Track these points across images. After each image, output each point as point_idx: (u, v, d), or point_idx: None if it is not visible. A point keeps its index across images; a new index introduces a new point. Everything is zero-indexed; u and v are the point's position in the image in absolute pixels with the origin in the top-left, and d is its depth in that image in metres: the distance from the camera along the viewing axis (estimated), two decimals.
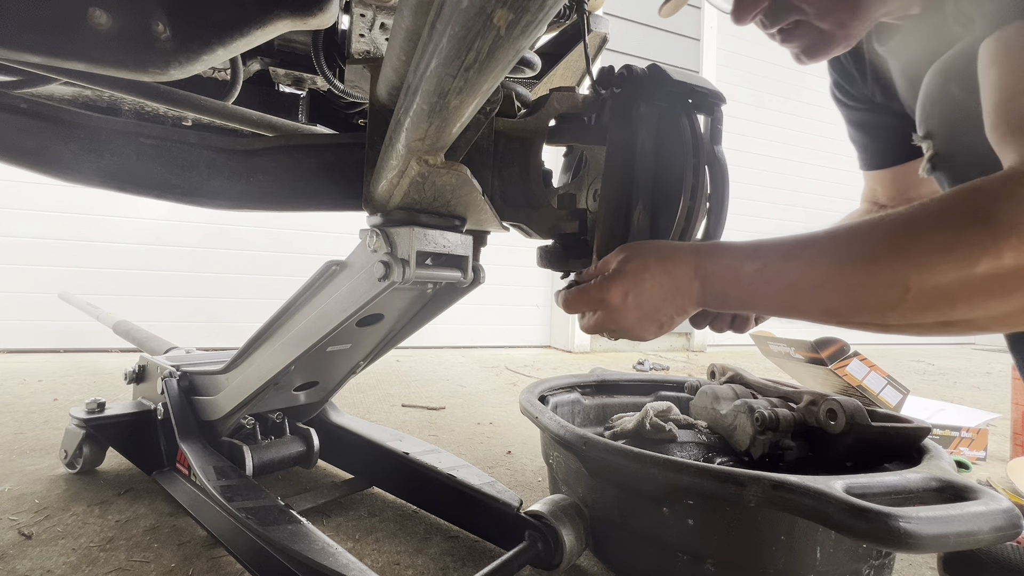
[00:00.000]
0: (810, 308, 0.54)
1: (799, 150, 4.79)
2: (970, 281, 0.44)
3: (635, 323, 0.64)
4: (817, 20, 0.72)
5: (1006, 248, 0.43)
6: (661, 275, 0.61)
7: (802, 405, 0.87)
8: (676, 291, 0.61)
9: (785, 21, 0.73)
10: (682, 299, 0.61)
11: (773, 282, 0.55)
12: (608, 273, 0.64)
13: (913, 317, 0.48)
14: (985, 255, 0.43)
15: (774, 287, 0.55)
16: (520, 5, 0.34)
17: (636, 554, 0.79)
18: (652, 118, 0.74)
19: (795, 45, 0.76)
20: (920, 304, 0.47)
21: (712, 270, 0.59)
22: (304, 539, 0.73)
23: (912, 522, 0.52)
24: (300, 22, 0.60)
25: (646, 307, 0.62)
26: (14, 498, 1.01)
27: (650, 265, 0.62)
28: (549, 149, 0.83)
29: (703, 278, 0.60)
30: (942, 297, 0.46)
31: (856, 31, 0.73)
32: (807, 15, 0.72)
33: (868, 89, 0.96)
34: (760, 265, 0.56)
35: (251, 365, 0.93)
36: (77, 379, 2.05)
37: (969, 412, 1.70)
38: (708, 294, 0.60)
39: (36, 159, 0.70)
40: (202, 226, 2.89)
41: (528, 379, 2.48)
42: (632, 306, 0.62)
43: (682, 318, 0.64)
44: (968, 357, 4.32)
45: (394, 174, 0.61)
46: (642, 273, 0.62)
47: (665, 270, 0.61)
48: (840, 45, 0.75)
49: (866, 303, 0.50)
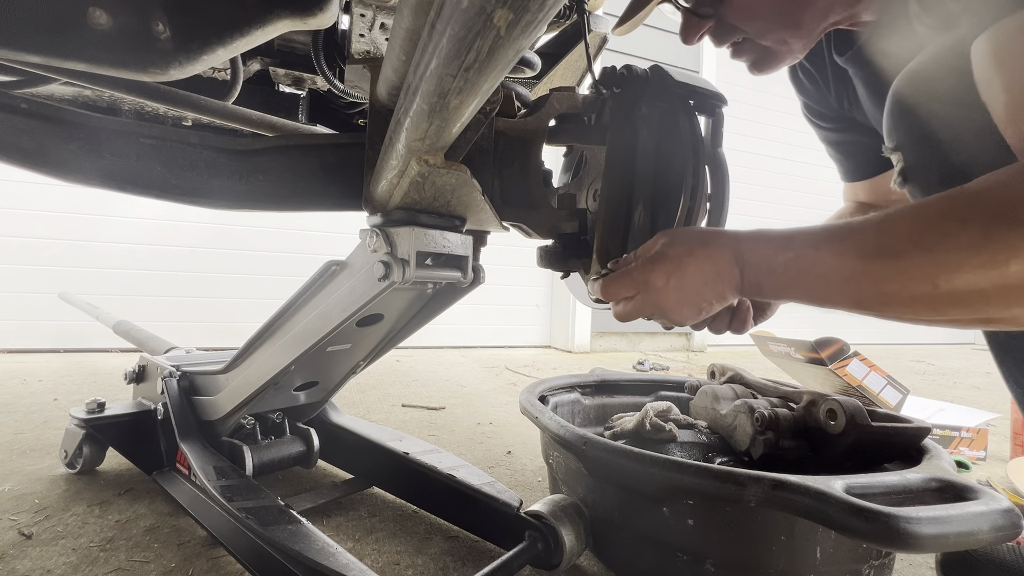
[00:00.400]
0: (842, 299, 0.54)
1: (799, 150, 4.79)
2: (1002, 281, 0.44)
3: (675, 306, 0.64)
4: (758, 39, 0.74)
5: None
6: (704, 260, 0.62)
7: (802, 405, 0.87)
8: (717, 276, 0.61)
9: (729, 40, 0.76)
10: (722, 285, 0.62)
11: (805, 272, 0.55)
12: (651, 255, 0.65)
13: (947, 313, 0.48)
14: (1014, 258, 0.43)
15: (806, 277, 0.55)
16: (520, 5, 0.34)
17: (636, 554, 0.79)
18: (653, 119, 0.74)
19: (744, 59, 0.79)
20: (951, 301, 0.47)
21: (750, 259, 0.60)
22: (304, 539, 0.73)
23: (912, 522, 0.52)
24: (300, 22, 0.60)
25: (687, 290, 0.63)
26: (14, 498, 1.01)
27: (695, 249, 0.62)
28: (549, 149, 0.83)
29: (742, 265, 0.60)
30: (975, 295, 0.46)
31: (798, 46, 0.74)
32: (748, 34, 0.74)
33: (835, 101, 0.96)
34: (793, 255, 0.56)
35: (251, 365, 0.93)
36: (77, 379, 2.05)
37: (969, 412, 1.70)
38: (746, 282, 0.61)
39: (36, 159, 0.70)
40: (202, 226, 2.89)
41: (528, 379, 2.48)
42: (674, 288, 0.63)
43: (721, 304, 0.65)
44: (968, 357, 4.32)
45: (394, 174, 0.61)
46: (686, 257, 0.62)
47: (708, 255, 0.62)
48: (787, 59, 0.77)
49: (896, 297, 0.50)
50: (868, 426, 0.79)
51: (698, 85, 0.75)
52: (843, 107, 0.96)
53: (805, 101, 1.04)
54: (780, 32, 0.72)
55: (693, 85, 0.74)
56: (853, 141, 1.01)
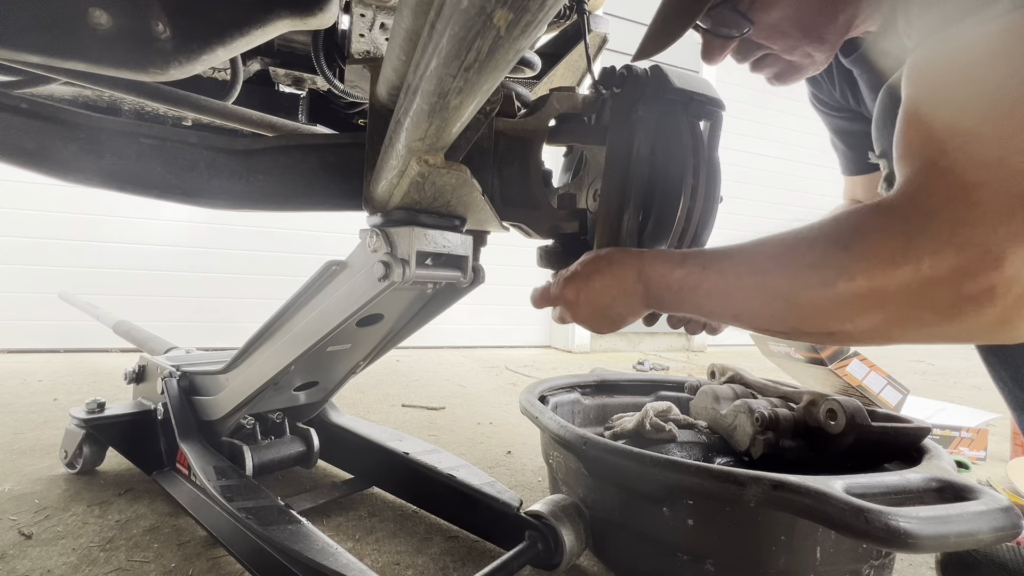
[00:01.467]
0: (723, 313, 0.59)
1: (799, 150, 4.79)
2: (834, 298, 0.48)
3: (588, 318, 0.71)
4: (785, 55, 0.75)
5: (858, 272, 0.47)
6: (608, 277, 0.67)
7: (802, 405, 0.87)
8: (623, 292, 0.66)
9: (754, 56, 0.77)
10: (630, 299, 0.66)
11: (695, 289, 0.60)
12: (568, 272, 0.72)
13: (799, 327, 0.53)
14: (841, 277, 0.48)
15: (695, 293, 0.60)
16: (520, 5, 0.34)
17: (636, 554, 0.79)
18: (651, 121, 0.74)
19: (766, 73, 0.80)
20: (800, 316, 0.52)
21: (651, 275, 0.64)
22: (304, 539, 0.73)
23: (912, 522, 0.52)
24: (300, 22, 0.60)
25: (596, 304, 0.69)
26: (14, 498, 1.01)
27: (600, 267, 0.68)
28: (549, 149, 0.83)
29: (645, 281, 0.65)
30: (816, 311, 0.50)
31: (822, 59, 0.76)
32: (774, 51, 0.75)
33: (839, 94, 0.98)
34: (685, 273, 0.61)
35: (251, 365, 0.93)
36: (77, 379, 2.05)
37: (969, 412, 1.70)
38: (650, 296, 0.65)
39: (37, 159, 0.70)
40: (202, 226, 2.89)
41: (528, 379, 2.48)
42: (584, 302, 0.69)
43: (634, 317, 0.69)
44: (968, 357, 4.32)
45: (394, 174, 0.61)
46: (593, 274, 0.68)
47: (612, 272, 0.67)
48: (809, 71, 0.78)
49: (760, 312, 0.55)
50: (868, 426, 0.79)
51: (697, 90, 0.74)
52: (848, 102, 0.97)
53: (813, 91, 1.05)
54: (806, 47, 0.73)
55: (691, 90, 0.74)
56: (860, 131, 1.01)
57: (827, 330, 0.51)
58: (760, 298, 0.54)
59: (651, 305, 0.66)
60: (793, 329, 0.54)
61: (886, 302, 0.46)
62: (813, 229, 0.52)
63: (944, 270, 0.43)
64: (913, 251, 0.44)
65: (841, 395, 0.84)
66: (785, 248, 0.54)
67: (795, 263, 0.52)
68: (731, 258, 0.58)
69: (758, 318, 0.56)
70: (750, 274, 0.55)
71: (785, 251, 0.54)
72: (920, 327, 0.47)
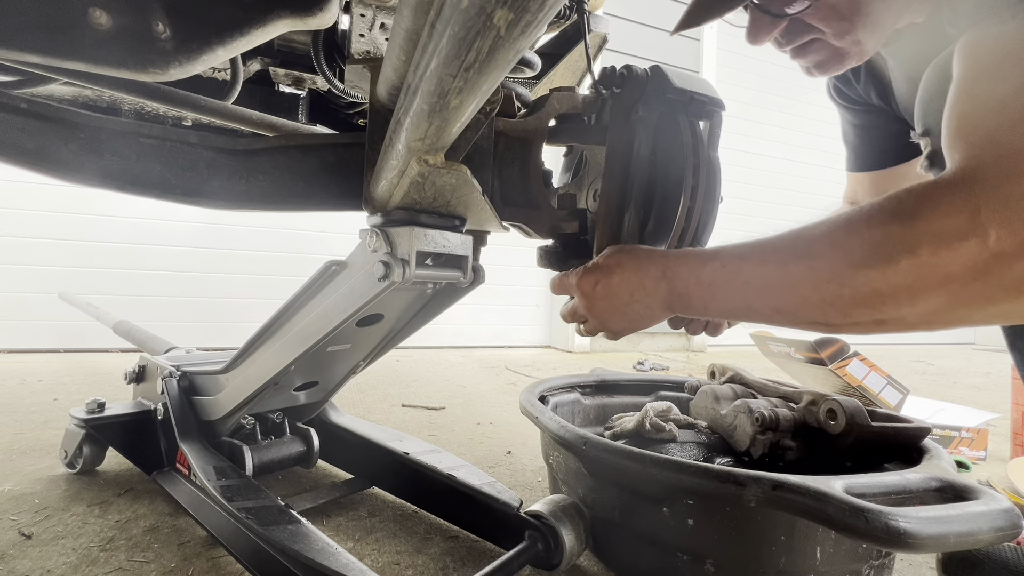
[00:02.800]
0: (763, 306, 0.57)
1: (799, 150, 4.79)
2: (895, 278, 0.47)
3: (603, 313, 0.69)
4: (835, 39, 0.71)
5: (921, 247, 0.45)
6: (630, 272, 0.65)
7: (802, 405, 0.87)
8: (642, 289, 0.65)
9: (802, 40, 0.73)
10: (649, 298, 0.65)
11: (731, 280, 0.58)
12: (590, 264, 0.70)
13: (851, 314, 0.51)
14: (904, 253, 0.46)
15: (731, 285, 0.58)
16: (520, 5, 0.34)
17: (636, 554, 0.79)
18: (651, 121, 0.74)
19: (808, 60, 0.76)
20: (855, 300, 0.50)
21: (678, 272, 0.62)
22: (304, 539, 0.73)
23: (912, 522, 0.52)
24: (300, 22, 0.60)
25: (614, 299, 0.67)
26: (14, 498, 1.01)
27: (623, 261, 0.66)
28: (549, 149, 0.83)
29: (670, 279, 0.63)
30: (873, 294, 0.48)
31: (871, 48, 0.73)
32: (825, 35, 0.71)
33: (862, 89, 0.97)
34: (719, 264, 0.59)
35: (251, 365, 0.93)
36: (77, 379, 2.05)
37: (969, 412, 1.70)
38: (674, 296, 0.63)
39: (36, 159, 0.70)
40: (202, 226, 2.89)
41: (528, 379, 2.48)
42: (601, 296, 0.67)
43: (651, 320, 0.68)
44: (968, 357, 4.32)
45: (394, 174, 0.61)
46: (614, 267, 0.67)
47: (635, 267, 0.65)
48: (855, 61, 0.75)
49: (809, 299, 0.52)
50: (868, 426, 0.79)
51: (697, 90, 0.74)
52: (870, 97, 0.96)
53: (836, 83, 1.02)
54: (859, 32, 0.70)
55: (691, 91, 0.74)
56: (875, 126, 1.01)
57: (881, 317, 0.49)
58: (809, 283, 0.52)
59: (673, 307, 0.64)
60: (844, 317, 0.51)
61: (950, 280, 0.45)
62: (865, 208, 0.50)
63: (1012, 244, 0.42)
64: (979, 225, 0.43)
65: (841, 395, 0.84)
66: (837, 228, 0.51)
67: (851, 241, 0.49)
68: (771, 245, 0.56)
69: (804, 307, 0.53)
70: (797, 258, 0.53)
71: (838, 230, 0.51)
72: (986, 305, 0.45)
